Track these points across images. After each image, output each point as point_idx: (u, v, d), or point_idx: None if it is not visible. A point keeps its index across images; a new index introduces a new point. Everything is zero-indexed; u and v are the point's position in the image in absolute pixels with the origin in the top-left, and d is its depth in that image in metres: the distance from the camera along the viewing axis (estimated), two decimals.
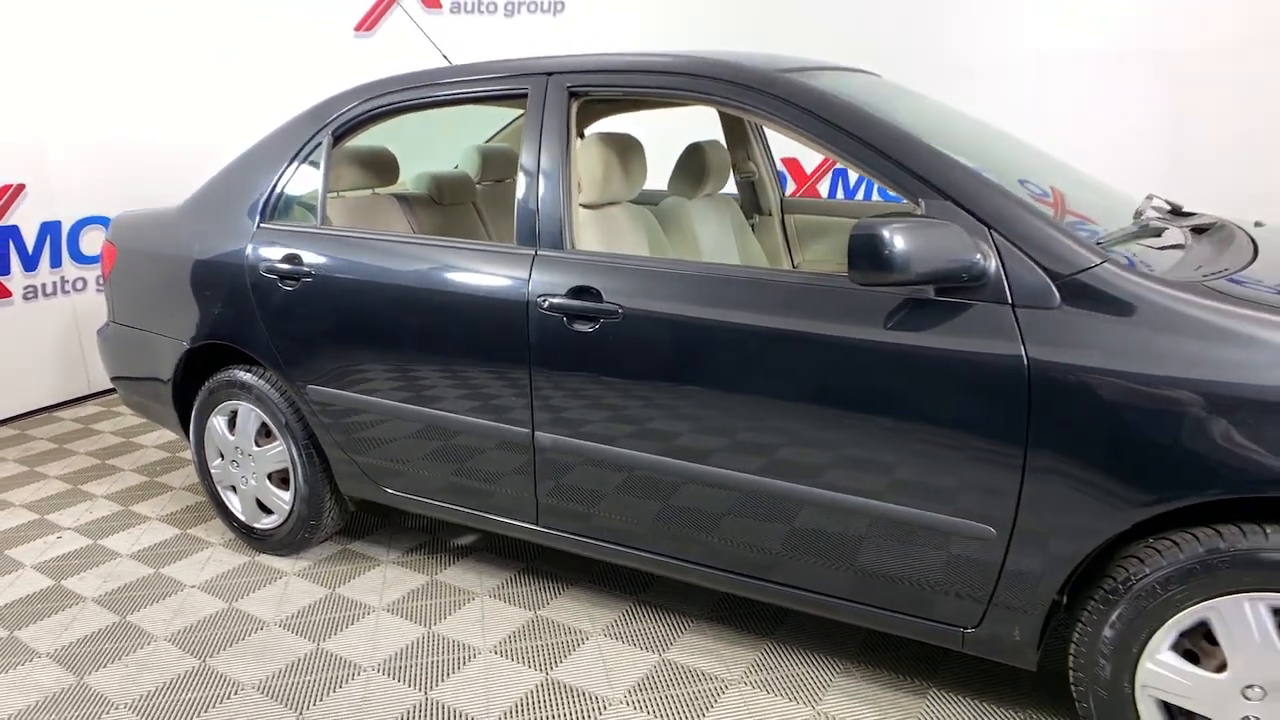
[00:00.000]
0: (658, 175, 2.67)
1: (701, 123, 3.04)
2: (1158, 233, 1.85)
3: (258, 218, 2.52)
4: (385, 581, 2.58)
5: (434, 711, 1.99)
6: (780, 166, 5.75)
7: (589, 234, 2.26)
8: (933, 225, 1.52)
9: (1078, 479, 1.50)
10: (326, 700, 2.05)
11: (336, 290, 2.33)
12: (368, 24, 5.48)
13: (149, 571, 2.69)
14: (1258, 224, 2.22)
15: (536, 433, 2.07)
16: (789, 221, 3.22)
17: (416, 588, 2.54)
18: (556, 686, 2.06)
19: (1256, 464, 1.36)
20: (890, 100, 2.44)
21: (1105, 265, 1.53)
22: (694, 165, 2.71)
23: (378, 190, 2.94)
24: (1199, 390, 1.40)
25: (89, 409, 4.35)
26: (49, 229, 4.29)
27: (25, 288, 4.21)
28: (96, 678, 2.16)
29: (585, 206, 2.28)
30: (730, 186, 3.28)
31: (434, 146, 3.67)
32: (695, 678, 2.08)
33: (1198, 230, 2.03)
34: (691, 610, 2.36)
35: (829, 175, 6.01)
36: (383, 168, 2.86)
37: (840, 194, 6.08)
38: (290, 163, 2.51)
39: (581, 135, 3.45)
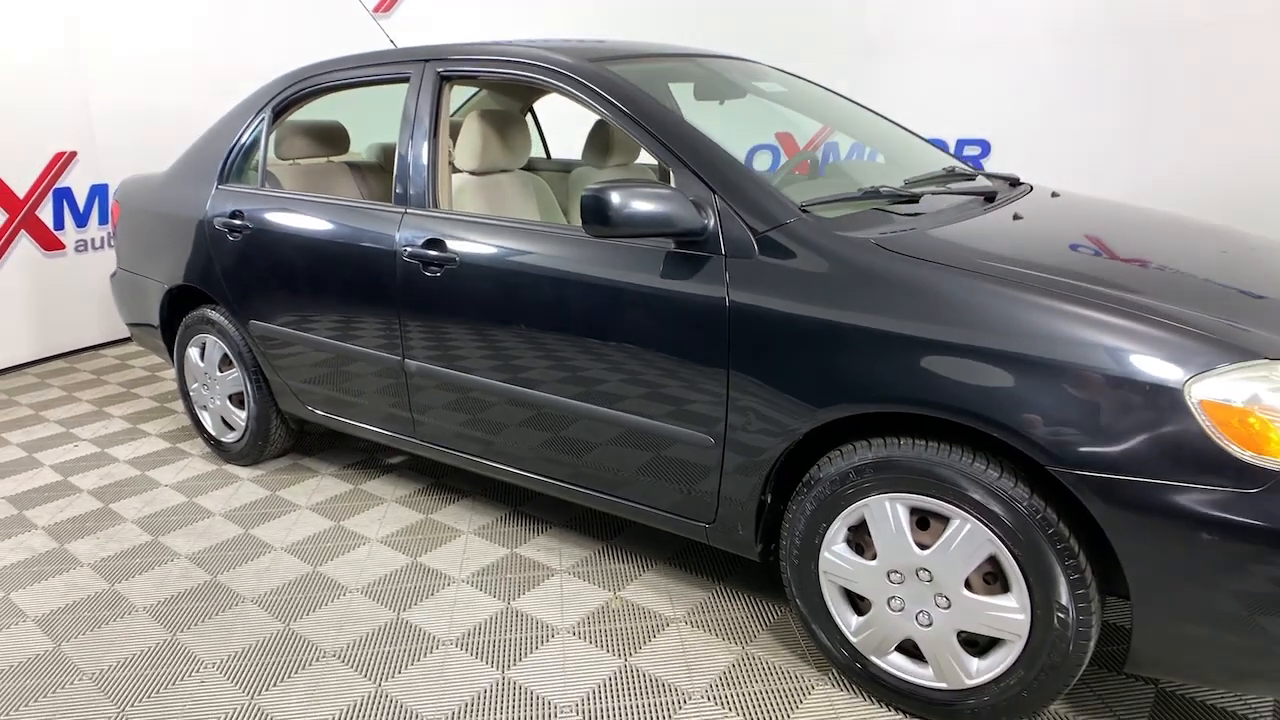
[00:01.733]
0: None
1: None
2: (913, 198, 2.12)
3: (216, 180, 3.03)
4: (318, 488, 3.08)
5: (315, 580, 2.47)
6: (774, 141, 5.99)
7: (473, 197, 2.66)
8: (652, 189, 1.85)
9: (762, 397, 1.83)
10: (239, 569, 2.55)
11: (266, 241, 2.80)
12: (386, 5, 5.97)
13: (136, 473, 3.26)
14: (1054, 194, 2.45)
15: (405, 360, 2.51)
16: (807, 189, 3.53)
17: (340, 493, 3.03)
18: (417, 569, 2.51)
19: (876, 383, 1.68)
20: (743, 82, 2.76)
21: (794, 222, 1.85)
22: (601, 138, 3.06)
23: (332, 159, 3.41)
24: (842, 325, 1.71)
25: (130, 347, 5.03)
26: (97, 190, 4.95)
27: (77, 241, 4.90)
28: (74, 545, 2.73)
29: (471, 173, 2.69)
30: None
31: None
32: (532, 567, 2.49)
33: (989, 197, 2.28)
34: (553, 519, 2.77)
35: (820, 149, 6.22)
36: (334, 139, 3.32)
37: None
38: (242, 134, 3.00)
39: (531, 111, 3.85)
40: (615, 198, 1.83)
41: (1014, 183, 2.65)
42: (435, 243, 2.36)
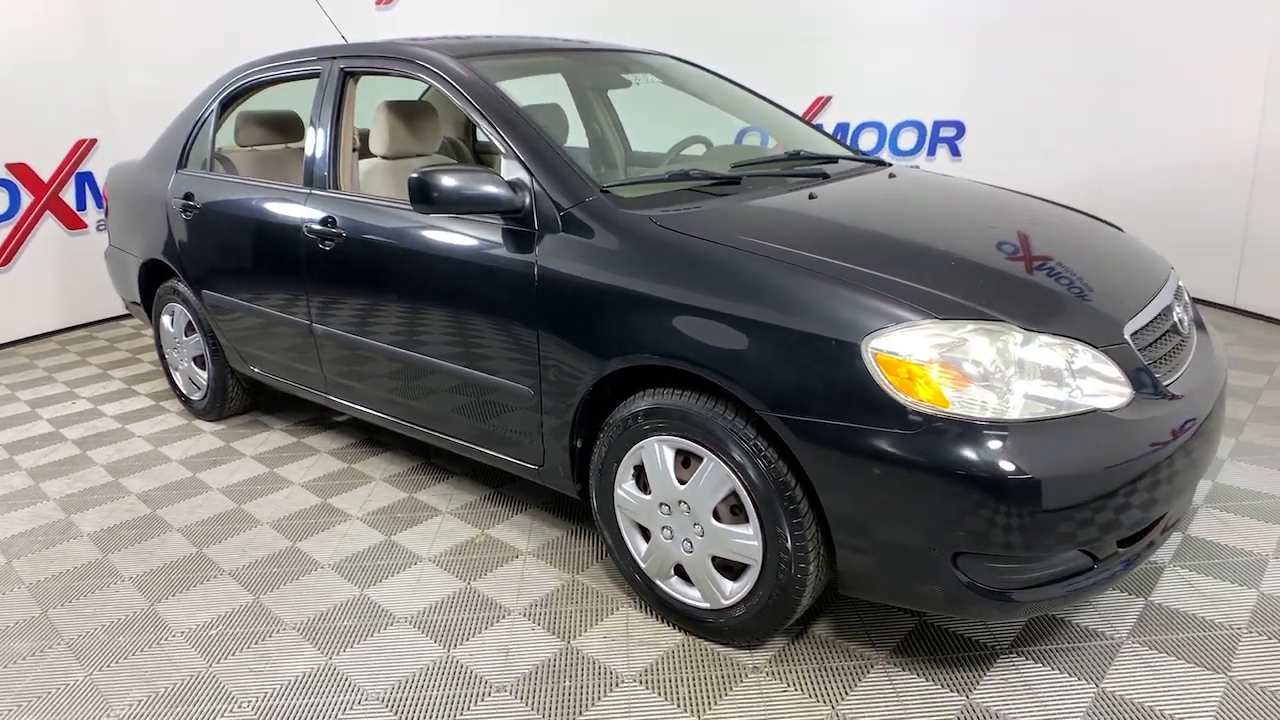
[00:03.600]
0: None
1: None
2: (734, 180, 2.35)
3: (176, 165, 3.41)
4: (266, 441, 3.47)
5: (235, 515, 2.84)
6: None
7: (384, 180, 2.97)
8: (470, 173, 2.13)
9: (562, 353, 2.11)
10: (176, 505, 2.94)
11: (211, 220, 3.18)
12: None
13: (118, 426, 3.71)
14: (891, 175, 2.64)
15: (313, 324, 2.85)
16: (633, 173, 3.79)
17: (283, 445, 3.41)
18: (324, 508, 2.86)
19: (638, 340, 1.93)
20: (623, 73, 3.00)
21: (592, 201, 2.10)
22: None
23: (290, 145, 3.77)
24: (618, 289, 1.97)
25: None
26: None
27: (98, 221, 5.40)
28: (47, 484, 3.17)
29: (384, 157, 3.00)
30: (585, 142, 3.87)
31: None
32: (421, 509, 2.82)
33: (825, 176, 2.50)
34: (456, 469, 3.09)
35: None
36: (289, 127, 3.68)
37: None
38: (196, 125, 3.38)
39: None
40: (435, 180, 2.11)
41: (879, 163, 2.84)
42: (329, 220, 2.68)
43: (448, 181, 2.11)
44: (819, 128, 3.25)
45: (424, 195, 2.12)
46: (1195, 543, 2.41)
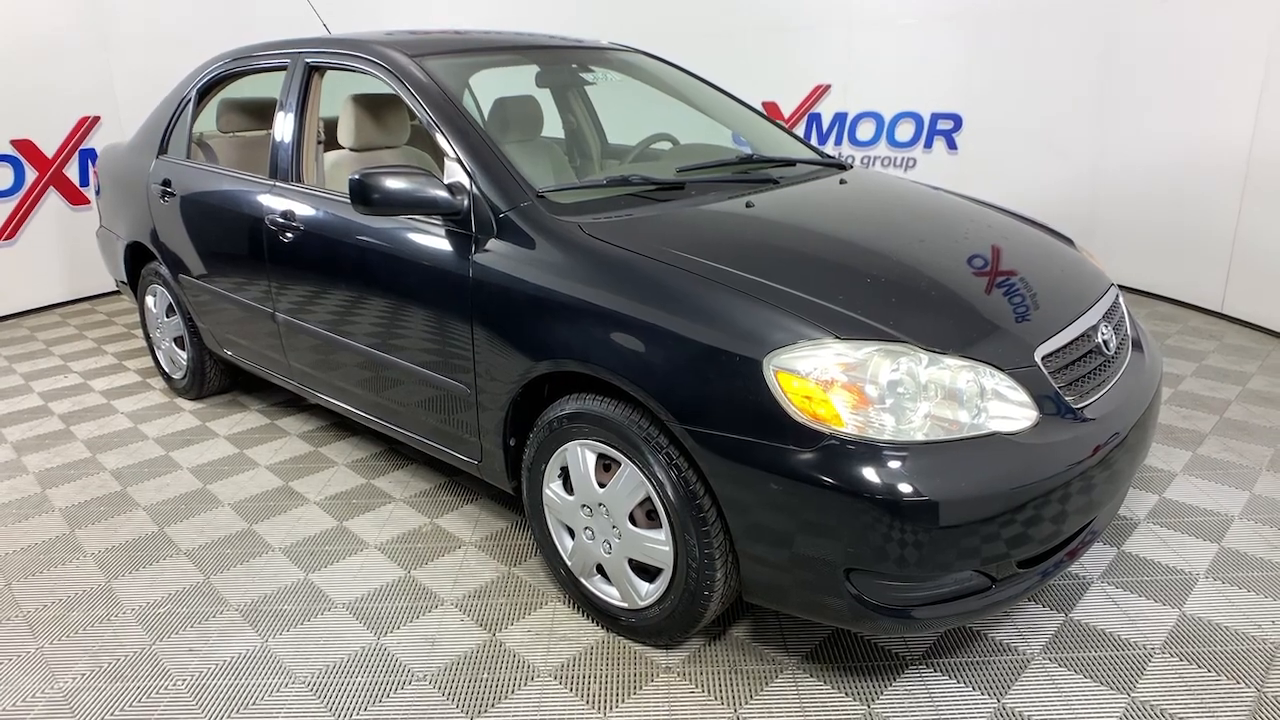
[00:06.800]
0: None
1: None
2: (678, 185, 2.37)
3: (157, 151, 3.49)
4: (241, 421, 3.56)
5: (200, 495, 2.94)
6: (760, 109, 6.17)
7: (349, 172, 2.97)
8: (408, 175, 2.17)
9: (496, 353, 2.15)
10: (146, 482, 3.05)
11: (185, 206, 3.25)
12: None
13: (103, 402, 3.82)
14: (842, 181, 2.64)
15: (276, 312, 2.92)
16: (608, 165, 3.81)
17: (256, 426, 3.50)
18: (285, 491, 2.95)
19: (561, 344, 1.97)
20: (584, 70, 3.02)
21: (527, 205, 2.14)
22: (500, 115, 3.37)
23: (270, 131, 3.82)
24: (544, 296, 2.01)
25: None
26: None
27: None
28: (29, 457, 3.29)
29: (352, 150, 3.05)
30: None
31: None
32: (377, 495, 2.90)
33: (774, 181, 2.51)
34: (416, 456, 3.17)
35: (803, 120, 6.34)
36: (269, 114, 3.73)
37: (813, 139, 6.38)
38: (175, 113, 3.44)
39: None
40: (375, 181, 2.15)
41: (840, 166, 2.84)
42: (289, 212, 2.74)
43: (387, 183, 2.15)
44: (783, 126, 3.24)
45: (363, 196, 2.16)
46: (1128, 559, 2.42)
